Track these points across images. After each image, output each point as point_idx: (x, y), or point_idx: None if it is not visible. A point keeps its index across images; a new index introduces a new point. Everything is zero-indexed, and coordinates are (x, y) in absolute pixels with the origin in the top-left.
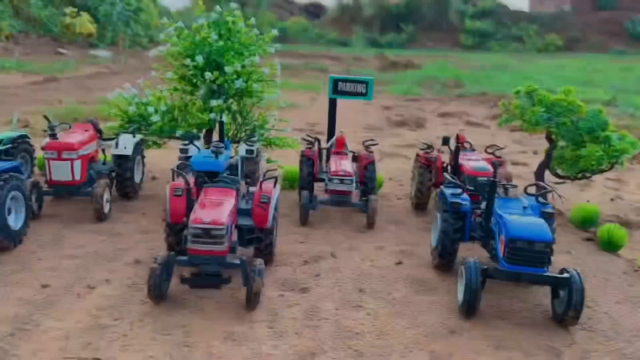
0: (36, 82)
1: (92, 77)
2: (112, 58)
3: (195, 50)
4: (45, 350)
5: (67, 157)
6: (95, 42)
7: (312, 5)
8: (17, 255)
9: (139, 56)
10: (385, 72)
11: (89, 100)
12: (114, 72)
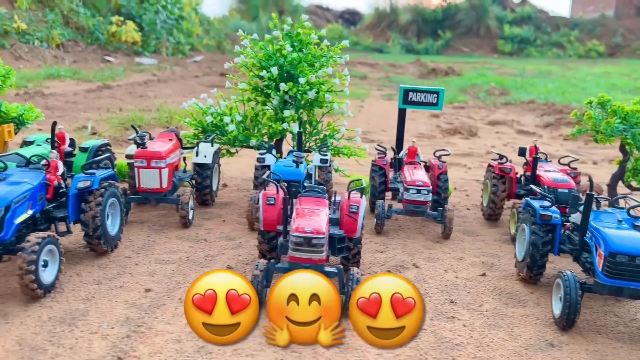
0: (91, 90)
1: (142, 85)
2: (157, 66)
3: (269, 62)
4: (162, 353)
5: (156, 166)
6: (140, 50)
7: (348, 12)
8: (115, 259)
9: (182, 64)
10: (425, 79)
11: (145, 107)
12: (161, 79)
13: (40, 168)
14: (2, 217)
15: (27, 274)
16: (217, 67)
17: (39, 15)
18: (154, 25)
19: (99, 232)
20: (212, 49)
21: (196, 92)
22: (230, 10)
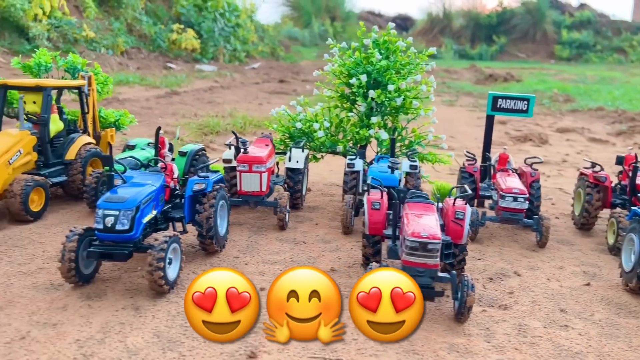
0: (160, 96)
1: (207, 91)
2: (217, 72)
3: (357, 69)
4: (289, 350)
5: (257, 170)
6: (198, 57)
7: (400, 17)
8: (225, 259)
9: (240, 70)
10: (481, 85)
11: (217, 112)
12: (224, 86)
13: (158, 171)
14: (133, 217)
15: (156, 271)
16: (274, 73)
17: (105, 23)
18: (212, 33)
19: (211, 232)
20: (266, 55)
21: (259, 99)
22: (283, 18)
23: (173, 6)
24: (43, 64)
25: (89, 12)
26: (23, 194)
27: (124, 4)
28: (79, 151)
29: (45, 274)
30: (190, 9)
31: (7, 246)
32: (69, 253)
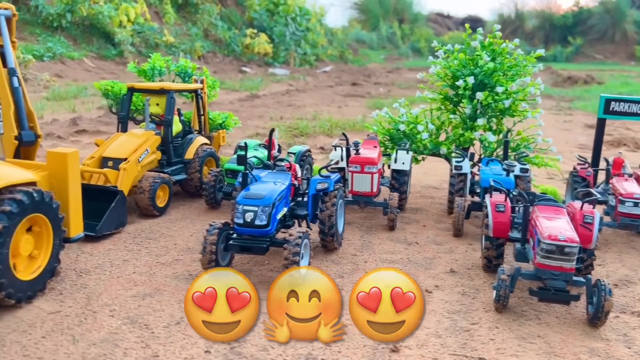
0: (242, 99)
1: (285, 94)
2: (290, 76)
3: (463, 71)
4: (427, 346)
5: (368, 171)
6: (270, 60)
7: (470, 19)
8: (344, 256)
9: (312, 74)
10: (560, 87)
11: (300, 115)
12: (299, 89)
13: (285, 170)
14: (270, 213)
15: (292, 264)
16: (345, 76)
17: (183, 29)
18: (283, 37)
19: (332, 230)
20: (335, 59)
21: (336, 101)
22: (351, 21)
23: (246, 11)
24: (157, 68)
25: (169, 18)
26: (151, 190)
27: (200, 10)
28: (196, 151)
29: (182, 265)
30: (263, 14)
31: (142, 238)
32: (209, 245)
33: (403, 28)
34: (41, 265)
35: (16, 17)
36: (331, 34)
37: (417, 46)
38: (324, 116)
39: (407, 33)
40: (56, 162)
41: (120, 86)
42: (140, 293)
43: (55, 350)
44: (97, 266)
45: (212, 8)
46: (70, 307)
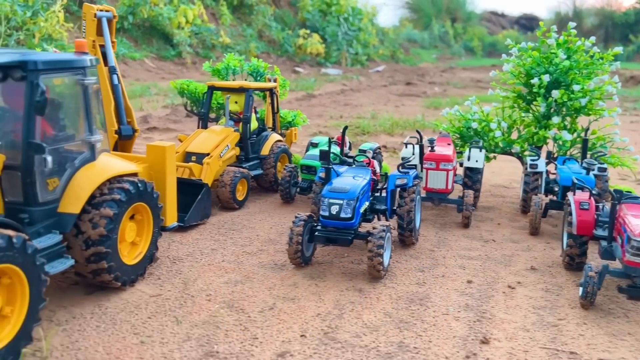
0: (299, 98)
1: (340, 94)
2: (343, 76)
3: (538, 69)
4: (516, 339)
5: (444, 168)
6: (322, 60)
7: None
8: (421, 251)
9: (364, 74)
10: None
11: (356, 114)
12: (354, 89)
13: (364, 166)
14: (354, 207)
15: (377, 257)
16: (398, 76)
17: (239, 30)
18: (335, 37)
19: (411, 225)
20: (386, 58)
21: (392, 101)
22: (402, 20)
23: (299, 12)
24: (231, 68)
25: (225, 20)
26: (232, 184)
27: (255, 11)
28: (271, 147)
29: (267, 255)
30: (316, 14)
31: (226, 230)
32: (296, 236)
33: (456, 27)
34: (142, 251)
35: (116, 18)
36: (382, 33)
37: (470, 45)
38: (382, 115)
39: (460, 32)
40: (155, 154)
41: (195, 85)
42: (232, 280)
43: (162, 329)
44: (188, 254)
45: (266, 9)
46: (169, 291)
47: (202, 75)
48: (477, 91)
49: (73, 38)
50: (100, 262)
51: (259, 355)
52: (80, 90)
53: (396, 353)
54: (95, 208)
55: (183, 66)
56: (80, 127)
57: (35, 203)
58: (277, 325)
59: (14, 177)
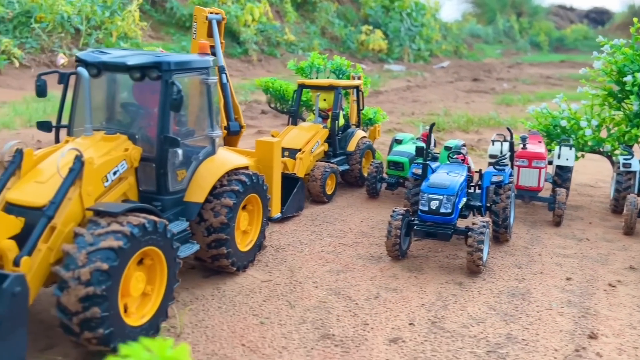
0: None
1: (406, 90)
2: (406, 72)
3: (632, 66)
4: (624, 336)
5: (536, 166)
6: (384, 57)
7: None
8: (515, 248)
9: (428, 70)
10: None
11: (427, 111)
12: (420, 85)
13: (459, 162)
14: (454, 202)
15: (477, 252)
16: (464, 72)
17: (302, 27)
18: (398, 33)
19: (506, 222)
20: (449, 54)
21: (460, 97)
22: (465, 15)
23: (362, 8)
24: (315, 66)
25: (289, 17)
26: (322, 179)
27: (318, 8)
28: (357, 144)
29: (362, 247)
30: (378, 10)
31: (319, 222)
32: (395, 230)
33: (521, 21)
34: (252, 239)
35: (224, 20)
36: (445, 28)
37: (537, 40)
38: (454, 112)
39: (526, 27)
40: (263, 149)
41: (279, 83)
42: (334, 269)
43: (278, 312)
44: (289, 244)
45: (329, 6)
46: (278, 277)
47: (268, 72)
48: (547, 88)
49: (146, 36)
50: (220, 248)
51: (372, 340)
52: (204, 88)
53: (505, 344)
54: (217, 198)
55: (249, 63)
56: (203, 123)
57: (166, 192)
58: (384, 313)
59: (148, 168)
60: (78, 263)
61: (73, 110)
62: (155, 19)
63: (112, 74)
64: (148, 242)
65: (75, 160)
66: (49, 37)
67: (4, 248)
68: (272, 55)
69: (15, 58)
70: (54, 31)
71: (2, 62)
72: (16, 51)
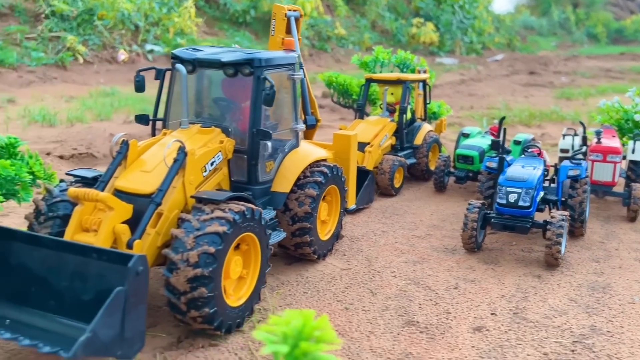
0: None
1: (461, 84)
2: (459, 65)
3: None
4: None
5: (611, 160)
6: (435, 50)
7: None
8: (591, 243)
9: (482, 63)
10: None
11: (485, 105)
12: (473, 79)
13: (535, 156)
14: (532, 195)
15: (555, 245)
16: (519, 65)
17: (353, 21)
18: (450, 26)
19: (582, 216)
20: (502, 46)
21: (517, 91)
22: (518, 7)
23: (412, 1)
24: (379, 60)
25: (340, 11)
26: (391, 172)
27: (368, 2)
28: (424, 137)
29: (435, 239)
30: (430, 3)
31: (389, 214)
32: (471, 222)
33: (578, 12)
34: (331, 229)
35: (302, 17)
36: (498, 21)
37: (594, 32)
38: (514, 106)
39: (582, 18)
40: (341, 142)
41: (343, 77)
42: (410, 260)
43: (360, 299)
44: (363, 234)
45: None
46: (356, 265)
47: (319, 67)
48: (608, 81)
49: (201, 32)
50: (303, 236)
51: (456, 328)
52: (290, 84)
53: (590, 335)
54: (301, 188)
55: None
56: (289, 117)
57: (256, 182)
58: (465, 303)
59: (240, 159)
60: (186, 246)
61: (168, 105)
62: (209, 15)
63: (205, 70)
64: (247, 228)
65: (179, 151)
66: (110, 33)
67: (119, 232)
68: (322, 49)
69: (80, 54)
70: (114, 28)
71: (68, 59)
72: (80, 48)
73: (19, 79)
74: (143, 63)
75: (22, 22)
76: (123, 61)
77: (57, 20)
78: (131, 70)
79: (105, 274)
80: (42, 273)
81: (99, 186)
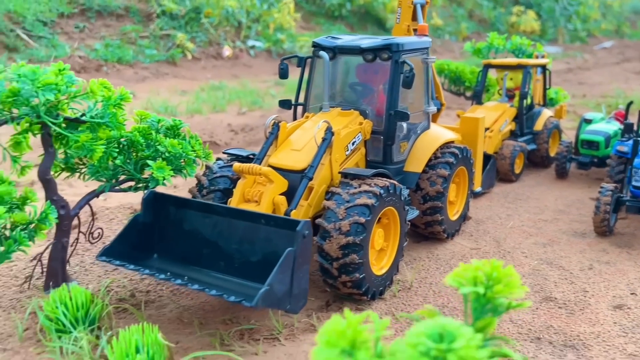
0: None
1: (568, 72)
2: (564, 53)
3: None
4: None
5: None
6: (537, 38)
7: None
8: None
9: (588, 51)
10: None
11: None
12: (581, 67)
13: None
14: None
15: None
16: (629, 52)
17: (449, 10)
18: (552, 13)
19: None
20: (609, 33)
21: (632, 79)
22: None
23: None
24: (493, 46)
25: (436, 1)
26: (511, 157)
27: None
28: (544, 123)
29: (563, 223)
30: None
31: (512, 199)
32: (604, 206)
33: None
34: (458, 210)
35: (428, 4)
36: (605, 6)
37: None
38: (630, 94)
39: None
40: (468, 125)
41: (455, 65)
42: (539, 242)
43: None
44: (487, 217)
45: None
46: (485, 246)
47: None
48: None
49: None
50: (434, 215)
51: (595, 305)
52: (423, 67)
53: None
54: (432, 169)
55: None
56: (421, 99)
57: (390, 162)
58: (602, 282)
59: (376, 140)
60: (338, 217)
61: (309, 90)
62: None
63: (344, 57)
64: (389, 202)
65: (326, 131)
66: (215, 30)
67: (278, 202)
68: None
69: (189, 51)
70: (219, 25)
71: (178, 55)
72: (189, 45)
73: (135, 75)
74: (246, 59)
75: (136, 22)
76: (227, 57)
77: (167, 19)
78: (234, 65)
79: (272, 238)
80: (213, 237)
81: (255, 163)
